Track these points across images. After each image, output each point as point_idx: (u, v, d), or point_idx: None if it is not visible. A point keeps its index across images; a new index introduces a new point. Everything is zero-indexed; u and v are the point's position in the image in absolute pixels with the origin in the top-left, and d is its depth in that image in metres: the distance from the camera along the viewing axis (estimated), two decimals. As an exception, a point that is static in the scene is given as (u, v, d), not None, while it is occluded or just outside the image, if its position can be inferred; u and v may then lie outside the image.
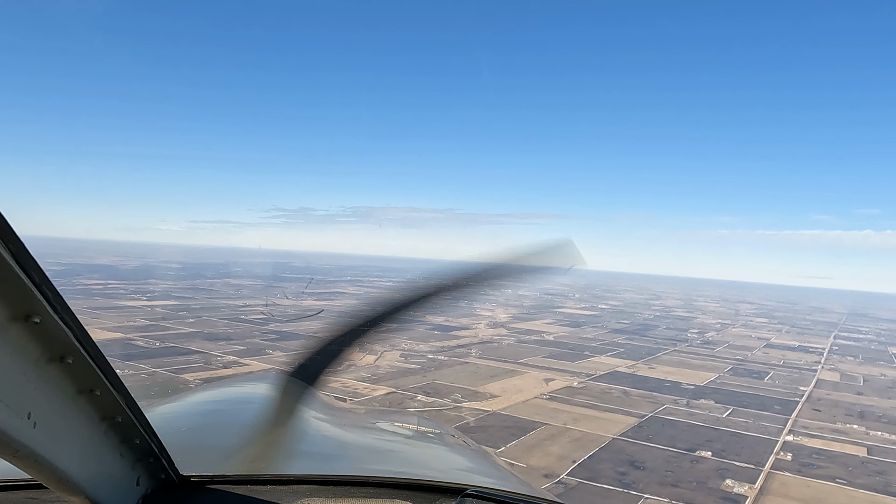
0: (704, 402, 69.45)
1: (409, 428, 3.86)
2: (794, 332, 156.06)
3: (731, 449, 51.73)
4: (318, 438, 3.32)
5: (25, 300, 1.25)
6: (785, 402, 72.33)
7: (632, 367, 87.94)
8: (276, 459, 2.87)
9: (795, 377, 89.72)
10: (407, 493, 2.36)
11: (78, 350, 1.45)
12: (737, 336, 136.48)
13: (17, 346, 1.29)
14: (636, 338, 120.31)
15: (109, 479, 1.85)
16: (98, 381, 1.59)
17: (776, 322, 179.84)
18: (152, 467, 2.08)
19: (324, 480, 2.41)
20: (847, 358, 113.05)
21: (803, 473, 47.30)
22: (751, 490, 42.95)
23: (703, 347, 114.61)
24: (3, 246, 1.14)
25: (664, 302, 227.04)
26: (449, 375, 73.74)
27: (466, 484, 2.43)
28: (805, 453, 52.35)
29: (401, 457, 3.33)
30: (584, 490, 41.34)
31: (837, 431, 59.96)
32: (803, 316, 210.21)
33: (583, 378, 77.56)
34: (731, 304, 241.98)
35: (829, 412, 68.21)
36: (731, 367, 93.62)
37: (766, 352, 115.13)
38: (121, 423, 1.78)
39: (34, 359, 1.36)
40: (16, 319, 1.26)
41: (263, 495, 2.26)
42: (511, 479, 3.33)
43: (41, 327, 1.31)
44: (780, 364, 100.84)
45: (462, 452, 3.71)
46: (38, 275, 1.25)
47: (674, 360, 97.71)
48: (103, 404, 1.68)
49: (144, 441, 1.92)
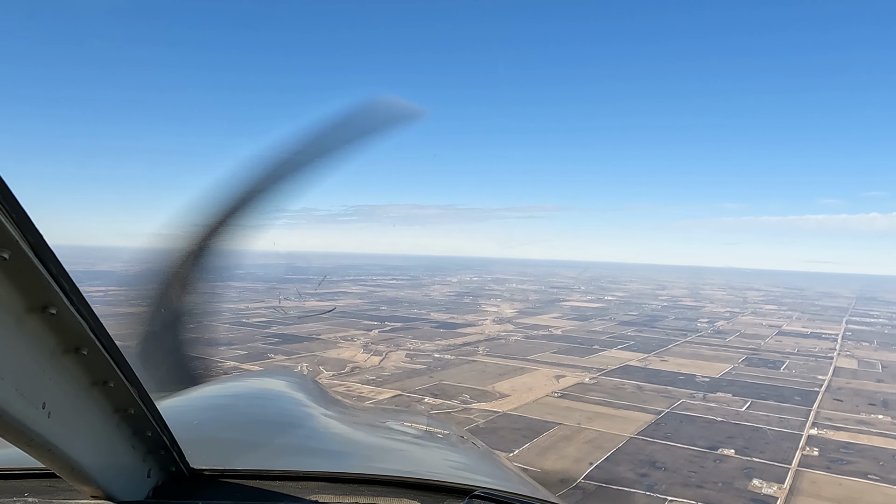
0: (721, 395, 67.17)
1: (418, 427, 3.78)
2: (804, 318, 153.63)
3: (755, 445, 49.43)
4: (328, 435, 3.31)
5: (42, 291, 1.27)
6: (804, 392, 70.00)
7: (643, 361, 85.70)
8: (286, 455, 2.77)
9: (812, 365, 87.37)
10: (415, 493, 2.29)
11: (93, 341, 1.47)
12: (747, 324, 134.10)
13: (33, 336, 1.32)
14: (645, 329, 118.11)
15: (121, 470, 1.88)
16: (112, 372, 1.61)
17: (785, 309, 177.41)
18: (163, 459, 2.08)
19: (333, 477, 2.37)
20: (862, 343, 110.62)
21: (833, 470, 44.99)
22: (780, 490, 40.66)
23: (714, 337, 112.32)
24: (23, 237, 1.17)
25: (671, 292, 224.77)
26: (456, 375, 71.60)
27: (475, 485, 2.37)
28: (832, 448, 50.04)
29: (409, 456, 3.23)
30: (605, 495, 39.10)
31: (863, 423, 57.61)
32: (812, 302, 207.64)
33: (594, 373, 75.35)
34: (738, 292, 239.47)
35: (851, 402, 65.85)
36: (746, 358, 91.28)
37: (778, 340, 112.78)
38: (133, 415, 1.80)
39: (50, 349, 1.39)
40: (33, 310, 1.29)
41: (272, 490, 2.23)
42: (519, 481, 3.27)
43: (57, 318, 1.34)
44: (795, 352, 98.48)
45: (470, 453, 3.64)
46: (56, 266, 1.27)
47: (686, 351, 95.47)
48: (117, 396, 1.70)
49: (156, 433, 1.93)
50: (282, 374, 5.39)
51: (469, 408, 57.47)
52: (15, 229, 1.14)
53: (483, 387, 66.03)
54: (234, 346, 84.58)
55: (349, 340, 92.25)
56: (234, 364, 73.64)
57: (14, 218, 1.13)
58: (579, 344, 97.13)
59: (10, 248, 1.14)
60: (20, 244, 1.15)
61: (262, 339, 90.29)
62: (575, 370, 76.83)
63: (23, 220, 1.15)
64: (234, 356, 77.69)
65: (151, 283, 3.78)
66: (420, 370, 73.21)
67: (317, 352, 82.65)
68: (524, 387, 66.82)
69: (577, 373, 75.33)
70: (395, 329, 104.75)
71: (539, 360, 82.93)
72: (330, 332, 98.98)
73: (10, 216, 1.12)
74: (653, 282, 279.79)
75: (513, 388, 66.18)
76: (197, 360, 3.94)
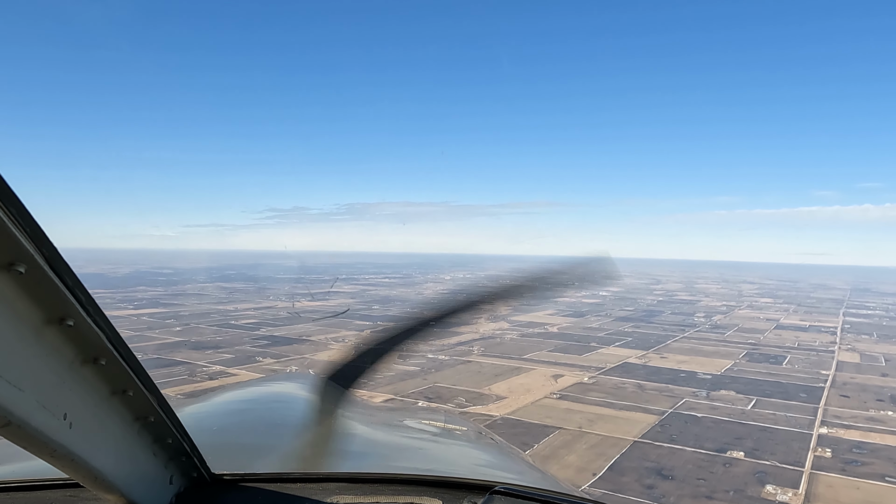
0: (725, 392, 65.01)
1: (436, 425, 3.70)
2: (801, 311, 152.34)
3: (765, 447, 47.20)
4: (347, 436, 3.30)
5: (59, 303, 1.29)
6: (809, 388, 67.96)
7: (643, 358, 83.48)
8: (306, 458, 2.82)
9: (814, 360, 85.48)
10: (435, 491, 2.31)
11: (110, 351, 1.49)
12: (745, 318, 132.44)
13: (52, 348, 1.33)
14: (643, 325, 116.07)
15: (143, 478, 1.89)
16: (130, 381, 1.62)
17: (781, 301, 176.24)
18: (185, 466, 2.10)
19: (353, 478, 2.39)
20: (862, 336, 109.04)
21: (848, 472, 42.79)
22: (796, 497, 38.40)
23: (712, 332, 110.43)
24: (37, 251, 1.18)
25: (665, 286, 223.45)
26: (451, 377, 69.11)
27: (495, 481, 2.37)
28: (845, 448, 47.89)
29: (429, 454, 3.26)
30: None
31: (873, 420, 55.55)
32: (807, 294, 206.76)
33: (593, 372, 73.02)
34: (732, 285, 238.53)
35: (858, 398, 63.84)
36: (746, 353, 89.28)
37: (777, 334, 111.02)
38: (153, 422, 1.81)
39: (69, 361, 1.41)
40: (50, 322, 1.30)
41: (294, 493, 2.26)
42: (540, 475, 3.27)
43: (75, 330, 1.36)
44: (796, 346, 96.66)
45: (490, 449, 3.62)
46: (71, 278, 1.29)
47: (685, 347, 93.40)
48: (136, 404, 1.71)
49: (176, 440, 1.95)
50: (299, 376, 5.18)
51: (465, 412, 54.95)
52: (30, 243, 1.15)
53: (479, 389, 63.58)
54: (221, 349, 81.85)
55: (340, 342, 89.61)
56: (220, 368, 70.91)
57: (28, 232, 1.14)
58: (576, 341, 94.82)
59: (25, 261, 1.15)
60: (35, 258, 1.17)
61: (251, 342, 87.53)
62: (573, 369, 74.49)
63: (37, 233, 1.16)
64: (221, 360, 74.94)
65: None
66: (413, 372, 70.65)
67: (307, 354, 79.87)
68: (521, 388, 64.40)
69: (576, 372, 72.98)
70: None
71: (536, 358, 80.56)
72: (321, 333, 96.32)
73: (24, 230, 1.13)
74: (646, 276, 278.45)
75: (510, 389, 63.75)
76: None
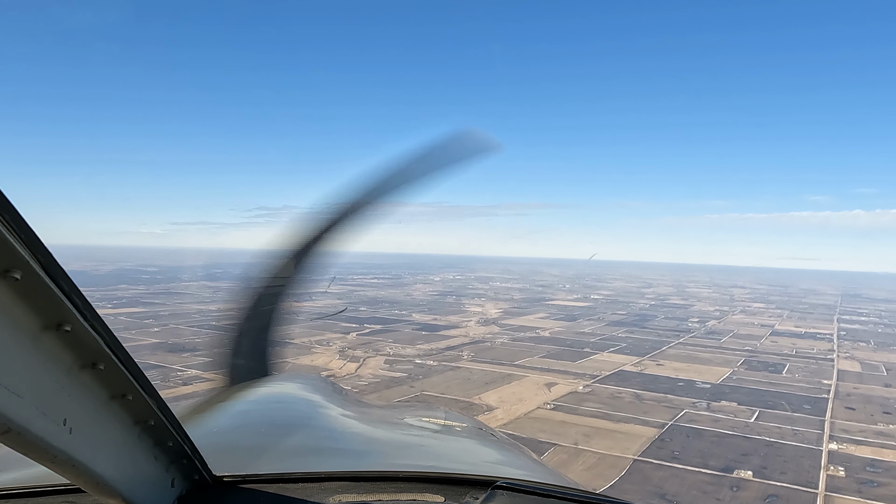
0: (726, 403, 62.15)
1: (436, 422, 3.73)
2: (795, 316, 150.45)
3: (773, 465, 44.26)
4: (347, 435, 3.30)
5: (56, 309, 1.29)
6: (812, 399, 65.27)
7: (638, 365, 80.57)
8: (307, 457, 2.81)
9: (814, 368, 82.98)
10: (437, 487, 2.30)
11: (109, 356, 1.48)
12: (739, 324, 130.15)
13: (50, 354, 1.33)
14: (636, 330, 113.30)
15: (145, 482, 1.88)
16: (130, 385, 1.61)
17: (774, 307, 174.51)
18: (186, 468, 2.09)
19: (354, 477, 2.37)
20: (859, 344, 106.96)
21: (864, 494, 39.95)
22: (813, 524, 35.46)
23: (707, 338, 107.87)
24: (33, 256, 1.17)
25: (657, 290, 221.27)
26: (439, 384, 65.74)
27: (497, 476, 2.37)
28: (857, 466, 45.05)
29: (430, 451, 3.23)
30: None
31: (882, 435, 52.82)
32: (798, 299, 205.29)
33: (587, 380, 69.92)
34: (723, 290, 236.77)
35: (864, 410, 61.20)
36: (744, 360, 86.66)
37: (774, 340, 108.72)
38: (154, 426, 1.81)
39: (67, 366, 1.40)
40: (48, 328, 1.30)
41: (295, 493, 2.25)
42: (541, 470, 3.26)
43: (72, 335, 1.35)
44: (794, 354, 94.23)
45: (491, 444, 3.63)
46: (67, 283, 1.28)
47: (681, 353, 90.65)
48: (136, 408, 1.71)
49: (177, 443, 1.94)
50: (299, 376, 4.95)
51: (453, 423, 51.64)
52: (25, 249, 1.15)
53: (469, 398, 60.23)
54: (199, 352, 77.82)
55: (324, 345, 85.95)
56: (195, 373, 67.08)
57: (23, 238, 1.14)
58: (569, 347, 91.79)
59: (21, 268, 1.15)
60: (31, 264, 1.16)
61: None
62: (567, 377, 71.35)
63: (32, 239, 1.16)
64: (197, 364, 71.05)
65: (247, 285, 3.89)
66: (400, 378, 67.27)
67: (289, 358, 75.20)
68: (513, 397, 61.14)
69: (570, 380, 69.85)
70: (375, 332, 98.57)
71: (528, 365, 77.35)
72: (305, 335, 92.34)
73: (19, 237, 1.13)
74: (638, 279, 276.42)
75: (501, 398, 60.45)
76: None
